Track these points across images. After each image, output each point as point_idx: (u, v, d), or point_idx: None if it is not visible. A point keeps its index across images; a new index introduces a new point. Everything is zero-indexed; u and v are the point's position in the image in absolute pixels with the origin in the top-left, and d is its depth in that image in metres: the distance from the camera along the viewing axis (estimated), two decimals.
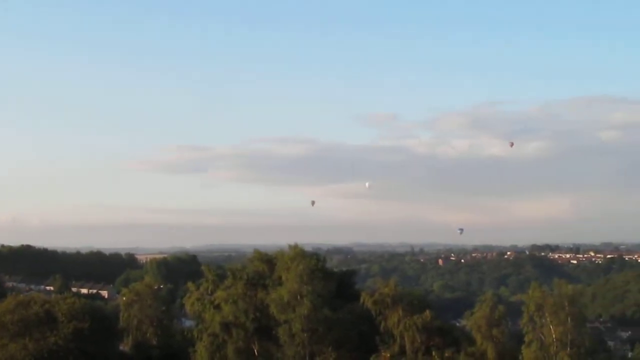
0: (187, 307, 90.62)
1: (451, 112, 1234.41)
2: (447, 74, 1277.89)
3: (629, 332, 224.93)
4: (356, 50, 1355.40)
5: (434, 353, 71.08)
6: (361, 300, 75.64)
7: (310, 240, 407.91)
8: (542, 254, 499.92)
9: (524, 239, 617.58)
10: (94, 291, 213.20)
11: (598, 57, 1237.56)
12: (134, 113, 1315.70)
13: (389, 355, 72.22)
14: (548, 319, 68.72)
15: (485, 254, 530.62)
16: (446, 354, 70.72)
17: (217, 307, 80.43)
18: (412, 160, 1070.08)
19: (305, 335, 73.38)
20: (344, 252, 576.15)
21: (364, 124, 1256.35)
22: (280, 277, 77.81)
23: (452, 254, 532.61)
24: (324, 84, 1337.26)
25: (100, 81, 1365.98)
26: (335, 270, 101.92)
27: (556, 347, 67.61)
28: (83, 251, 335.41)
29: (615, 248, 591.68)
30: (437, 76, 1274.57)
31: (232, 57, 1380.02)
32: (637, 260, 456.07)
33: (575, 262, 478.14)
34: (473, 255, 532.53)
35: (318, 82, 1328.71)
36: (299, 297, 73.75)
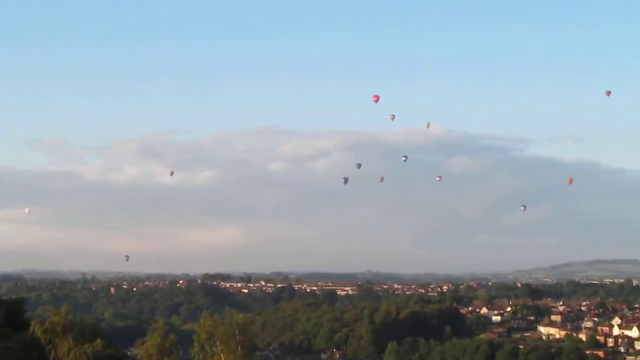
0: None
1: (123, 139, 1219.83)
2: (120, 101, 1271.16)
3: None
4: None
5: None
6: (31, 328, 73.81)
7: None
8: (214, 282, 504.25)
9: (196, 268, 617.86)
10: None
11: (271, 91, 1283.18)
12: None
13: None
14: (219, 348, 70.07)
15: (157, 282, 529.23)
16: None
17: None
18: (83, 187, 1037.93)
19: None
20: (13, 280, 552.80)
21: (35, 148, 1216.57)
22: None
23: (124, 282, 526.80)
24: None
25: None
26: (5, 298, 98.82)
27: None
28: None
29: (285, 277, 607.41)
30: (110, 102, 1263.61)
31: None
32: (305, 290, 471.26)
33: (246, 291, 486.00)
34: (145, 283, 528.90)
35: None
36: None
